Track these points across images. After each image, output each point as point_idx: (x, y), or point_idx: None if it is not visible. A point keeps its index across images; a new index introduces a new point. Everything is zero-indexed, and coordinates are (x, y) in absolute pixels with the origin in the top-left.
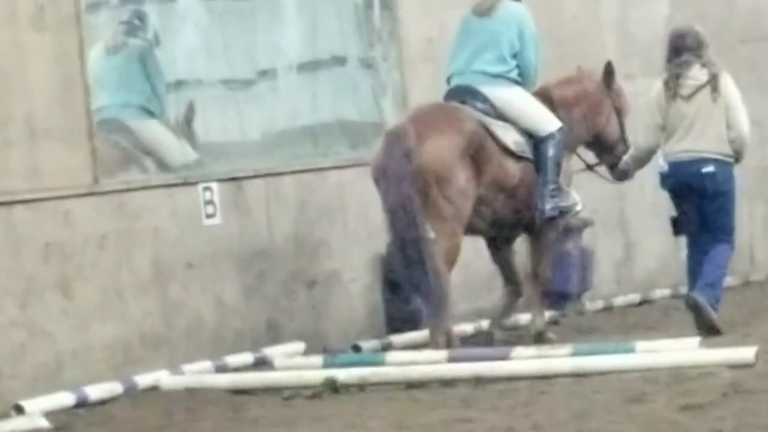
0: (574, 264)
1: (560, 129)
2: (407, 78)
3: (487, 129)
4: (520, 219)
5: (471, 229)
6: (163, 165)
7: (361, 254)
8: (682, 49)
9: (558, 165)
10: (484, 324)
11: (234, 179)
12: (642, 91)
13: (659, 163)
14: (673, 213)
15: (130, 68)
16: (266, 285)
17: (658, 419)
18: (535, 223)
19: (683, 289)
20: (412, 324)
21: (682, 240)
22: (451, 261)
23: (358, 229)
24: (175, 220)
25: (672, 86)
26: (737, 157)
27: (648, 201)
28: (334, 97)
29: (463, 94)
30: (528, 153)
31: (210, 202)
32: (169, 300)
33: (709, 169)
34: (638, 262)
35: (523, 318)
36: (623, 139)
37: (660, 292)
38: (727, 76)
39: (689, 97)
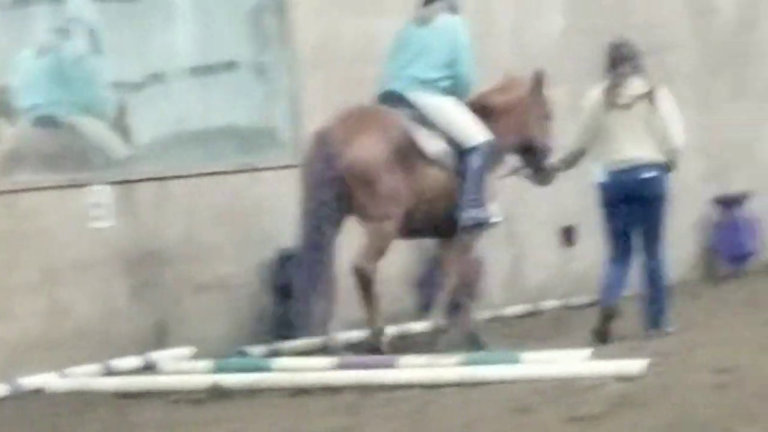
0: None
1: (487, 142)
2: (299, 83)
3: (411, 136)
4: (438, 227)
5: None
6: (100, 161)
7: (251, 260)
8: (620, 60)
9: (481, 177)
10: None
11: (125, 182)
12: None
13: (596, 173)
14: (564, 224)
15: (63, 69)
16: (155, 289)
17: (545, 430)
18: (455, 231)
19: (574, 300)
20: (301, 330)
21: (573, 251)
22: (375, 255)
23: (248, 235)
24: (65, 222)
25: (611, 96)
26: (671, 166)
27: (538, 212)
28: (226, 101)
29: (392, 99)
30: (450, 163)
31: (100, 205)
32: (56, 302)
33: (651, 174)
34: (528, 273)
35: (416, 326)
36: (549, 145)
37: (550, 303)
38: (663, 88)
39: (627, 107)
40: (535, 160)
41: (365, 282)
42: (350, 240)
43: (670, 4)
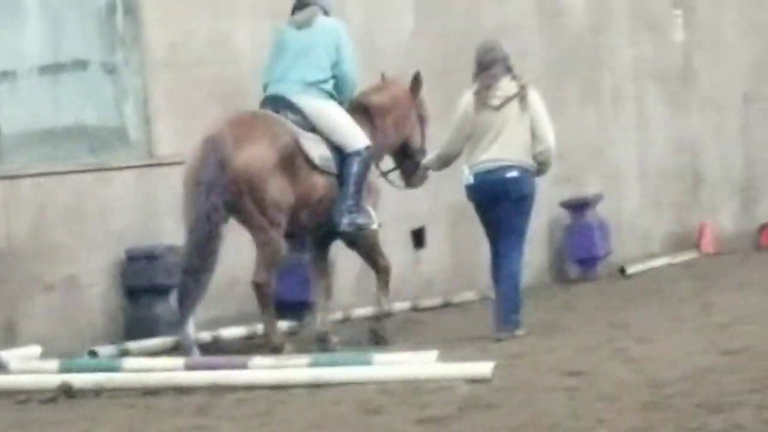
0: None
1: (367, 147)
2: (149, 84)
3: (297, 142)
4: (322, 231)
5: None
6: None
7: (100, 260)
8: (491, 62)
9: (360, 182)
10: (223, 332)
11: None
12: None
13: (465, 174)
14: (414, 227)
15: None
16: (3, 288)
17: (394, 431)
18: (333, 236)
19: (424, 302)
20: (151, 331)
21: (422, 253)
22: (269, 266)
23: (97, 235)
24: None
25: (482, 97)
26: (543, 168)
27: (388, 214)
28: (75, 101)
29: (277, 103)
30: (333, 168)
31: None
32: None
33: (513, 174)
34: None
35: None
36: (423, 147)
37: (399, 305)
38: (534, 90)
39: (498, 108)
40: (409, 162)
41: (263, 294)
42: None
43: (520, 8)
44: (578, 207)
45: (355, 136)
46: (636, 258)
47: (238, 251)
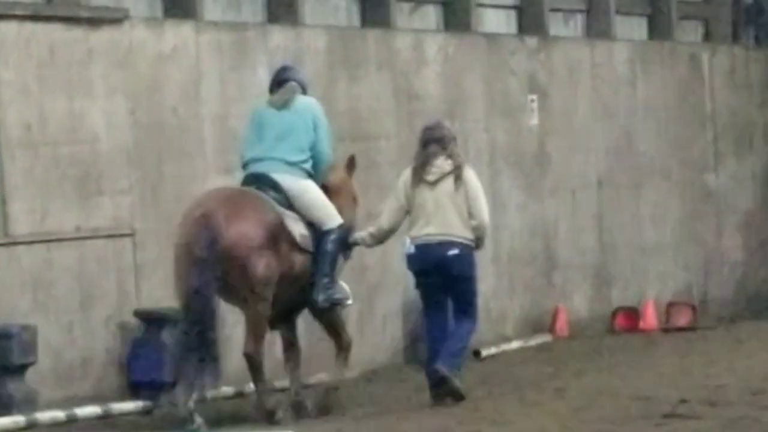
0: None
1: (340, 225)
2: (5, 163)
3: (282, 220)
4: (295, 305)
5: None
6: None
7: None
8: (430, 140)
9: (335, 259)
10: (78, 411)
11: None
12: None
13: (406, 245)
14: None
15: None
16: None
17: None
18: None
19: (278, 383)
20: (4, 409)
21: (276, 333)
22: (258, 338)
23: None
24: None
25: (419, 173)
26: (478, 243)
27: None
28: None
29: (260, 181)
30: (310, 246)
31: None
32: None
33: (455, 252)
34: (232, 356)
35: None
36: (354, 225)
37: (253, 386)
38: (469, 168)
39: (434, 184)
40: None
41: (255, 365)
42: None
43: (375, 91)
44: None
45: (330, 215)
46: (490, 341)
47: (93, 332)
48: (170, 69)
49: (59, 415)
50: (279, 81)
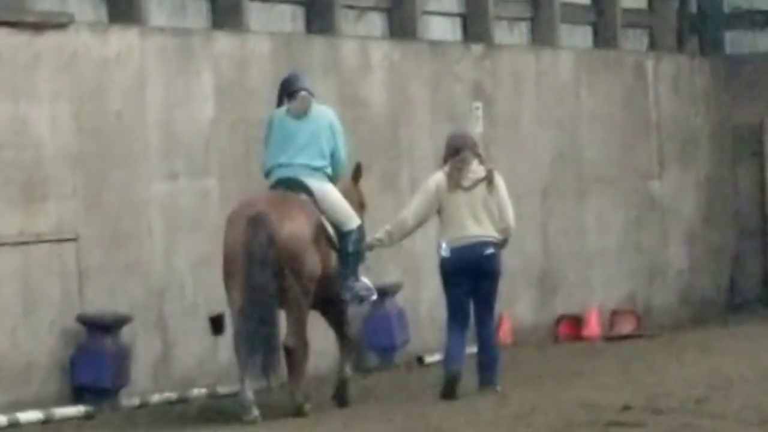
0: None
1: (359, 226)
2: None
3: (321, 219)
4: (324, 300)
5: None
6: None
7: None
8: (462, 147)
9: (358, 258)
10: (20, 416)
11: None
12: (186, 190)
13: (442, 248)
14: (213, 313)
15: None
16: None
17: None
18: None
19: (221, 389)
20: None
21: (221, 339)
22: (301, 332)
23: None
24: None
25: (454, 177)
26: (504, 243)
27: (187, 301)
28: None
29: (291, 185)
30: (337, 244)
31: None
32: None
33: (490, 251)
34: (176, 361)
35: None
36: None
37: (197, 391)
38: (499, 174)
39: (469, 189)
40: None
41: (293, 359)
42: None
43: (322, 98)
44: (379, 295)
45: (351, 217)
46: (434, 348)
47: (36, 337)
48: (115, 74)
49: (1, 419)
50: (291, 91)
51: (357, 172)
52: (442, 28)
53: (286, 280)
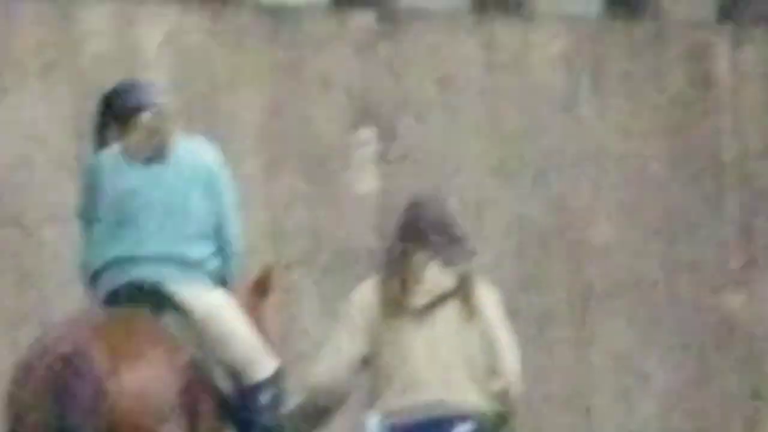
0: None
1: (277, 374)
2: None
3: (201, 363)
4: None
5: None
6: None
7: None
8: (418, 230)
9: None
10: None
11: None
12: None
13: (369, 427)
14: None
15: None
16: None
17: None
18: None
19: None
20: None
21: None
22: None
23: None
24: None
25: (394, 294)
26: (506, 416)
27: None
28: None
29: (139, 297)
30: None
31: None
32: None
33: (467, 428)
34: None
35: None
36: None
37: None
38: (482, 283)
39: (423, 314)
40: None
41: None
42: None
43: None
44: None
45: (258, 358)
46: None
47: None
48: None
49: None
50: (126, 111)
51: (263, 282)
52: None
53: None
